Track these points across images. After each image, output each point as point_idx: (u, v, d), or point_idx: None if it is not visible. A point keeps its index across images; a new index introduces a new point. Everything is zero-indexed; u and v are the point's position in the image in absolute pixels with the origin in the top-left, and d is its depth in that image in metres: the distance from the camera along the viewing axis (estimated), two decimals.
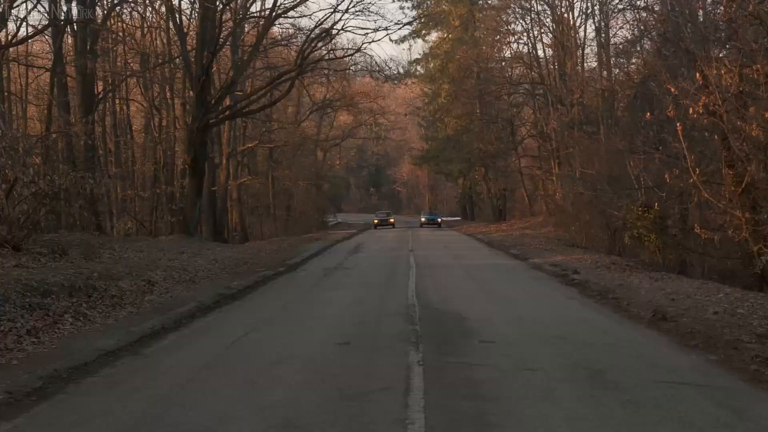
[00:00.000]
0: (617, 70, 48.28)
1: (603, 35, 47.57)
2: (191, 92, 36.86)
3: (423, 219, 71.57)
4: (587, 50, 54.30)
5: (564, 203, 42.99)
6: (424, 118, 77.63)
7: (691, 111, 20.62)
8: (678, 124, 20.79)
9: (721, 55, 22.40)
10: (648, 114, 21.79)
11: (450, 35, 64.75)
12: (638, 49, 41.03)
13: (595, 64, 49.32)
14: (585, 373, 9.36)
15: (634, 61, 46.41)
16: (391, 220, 71.15)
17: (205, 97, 35.23)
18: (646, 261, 27.87)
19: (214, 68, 42.64)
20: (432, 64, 69.67)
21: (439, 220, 70.92)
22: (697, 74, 20.66)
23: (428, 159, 73.91)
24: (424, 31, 70.46)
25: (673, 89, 20.79)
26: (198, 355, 11.05)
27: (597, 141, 40.14)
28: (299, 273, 25.12)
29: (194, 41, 36.88)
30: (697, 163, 21.16)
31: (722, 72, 20.74)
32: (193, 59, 35.84)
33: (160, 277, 20.66)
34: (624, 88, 45.61)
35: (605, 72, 47.54)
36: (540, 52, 55.73)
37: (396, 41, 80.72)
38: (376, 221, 70.83)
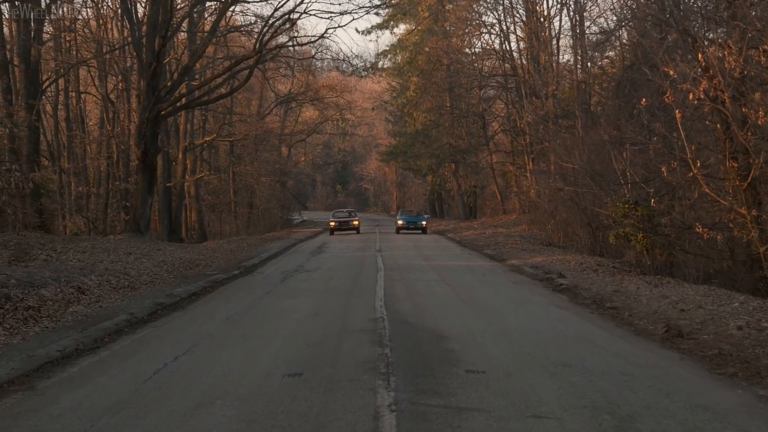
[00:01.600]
0: (597, 58, 46.28)
1: (578, 26, 45.49)
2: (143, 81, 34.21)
3: (400, 222, 50.01)
4: (563, 41, 52.33)
5: (539, 200, 40.81)
6: (392, 113, 75.37)
7: (691, 97, 18.54)
8: (677, 111, 18.59)
9: (719, 38, 20.21)
10: (643, 100, 19.46)
11: (419, 27, 62.45)
12: (617, 37, 38.91)
13: (570, 56, 47.19)
14: (611, 423, 7.03)
15: (611, 54, 44.50)
16: (355, 222, 49.75)
17: (157, 85, 32.61)
18: (633, 262, 25.78)
19: (170, 57, 40.09)
20: (400, 57, 67.29)
21: (424, 223, 49.86)
22: (699, 56, 18.51)
23: (396, 155, 71.42)
24: (392, 23, 68.08)
25: (672, 72, 18.61)
26: (106, 391, 8.59)
27: (576, 134, 38.10)
28: (255, 276, 22.65)
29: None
30: (696, 155, 19.04)
31: (725, 53, 18.65)
32: (144, 45, 33.20)
33: (94, 283, 18.17)
34: (602, 81, 43.67)
35: (581, 63, 45.45)
36: (513, 45, 53.66)
37: (363, 32, 77.83)
38: (333, 224, 49.43)
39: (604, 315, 14.36)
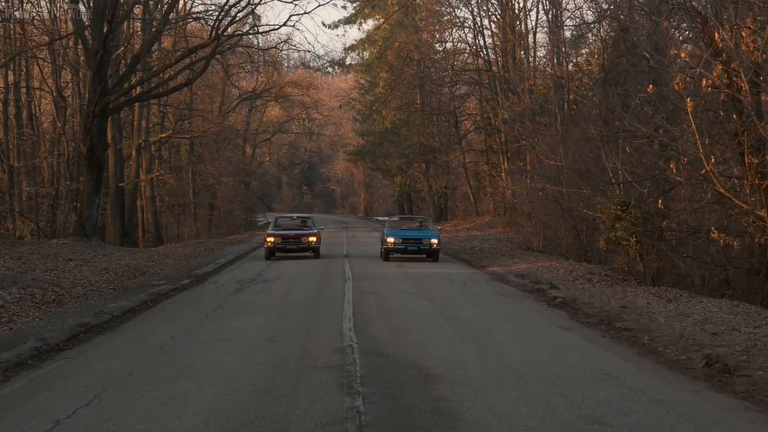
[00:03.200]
0: (573, 55, 44.14)
1: (555, 19, 43.22)
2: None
3: (391, 240, 28.31)
4: (540, 36, 50.28)
5: (516, 201, 38.52)
6: (360, 111, 72.70)
7: (703, 83, 16.13)
8: (687, 100, 16.17)
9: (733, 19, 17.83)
10: (650, 87, 17.02)
11: (388, 23, 59.96)
12: (598, 28, 36.75)
13: (548, 50, 44.94)
14: None
15: (590, 47, 42.38)
16: (312, 239, 29.20)
17: (104, 75, 29.79)
18: (625, 269, 23.47)
19: (123, 48, 37.23)
20: (368, 52, 64.66)
21: (435, 241, 28.33)
22: (716, 36, 16.10)
23: (364, 154, 68.70)
24: (360, 20, 65.47)
25: (683, 55, 16.26)
26: None
27: (555, 130, 35.81)
28: (206, 287, 19.93)
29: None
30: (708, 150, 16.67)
31: (743, 33, 16.30)
32: (90, 32, 30.39)
33: (13, 298, 15.46)
34: (582, 76, 41.49)
35: (558, 58, 43.19)
36: (488, 40, 51.33)
37: (329, 26, 75.26)
38: (271, 240, 29.08)
39: (618, 339, 11.91)
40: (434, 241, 27.84)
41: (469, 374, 8.98)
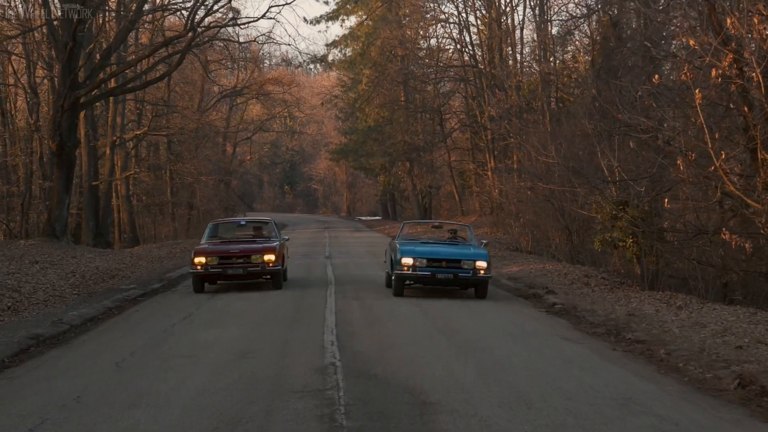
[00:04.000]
0: (560, 53, 43.07)
1: (543, 14, 42.11)
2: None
3: (408, 261, 16.52)
4: (527, 32, 49.25)
5: (504, 200, 37.38)
6: (342, 109, 71.37)
7: (713, 73, 14.96)
8: (696, 92, 14.98)
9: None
10: (656, 77, 15.85)
11: (371, 20, 58.70)
12: (589, 22, 35.67)
13: (535, 46, 43.74)
14: None
15: (581, 41, 41.29)
16: (268, 257, 17.84)
17: (74, 68, 28.38)
18: (621, 271, 22.37)
19: (95, 41, 35.81)
20: (351, 49, 63.35)
21: (483, 264, 16.52)
22: (728, 22, 14.93)
23: (347, 153, 67.36)
24: (342, 15, 64.10)
25: (692, 42, 15.06)
26: None
27: (543, 127, 34.70)
28: (178, 292, 18.55)
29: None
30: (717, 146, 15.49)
31: (755, 20, 15.16)
32: (59, 22, 28.97)
33: None
34: (571, 72, 40.46)
35: (545, 54, 42.06)
36: (474, 35, 50.15)
37: (311, 22, 73.30)
38: (200, 260, 17.73)
39: (632, 352, 10.70)
40: (481, 264, 16.41)
41: (471, 401, 7.70)
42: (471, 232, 19.22)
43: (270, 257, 17.76)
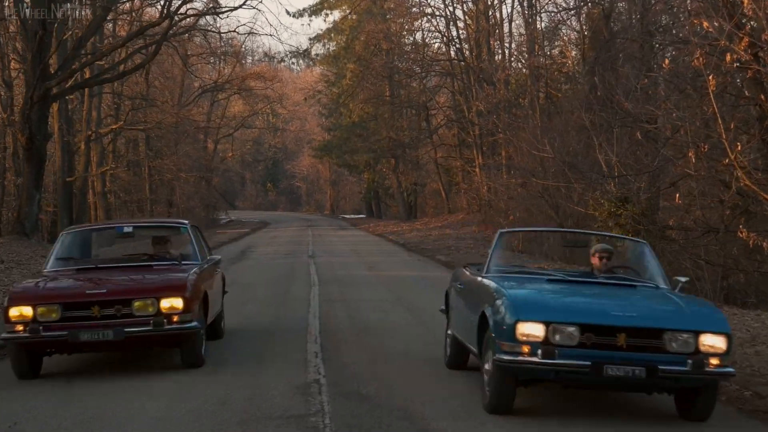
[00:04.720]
0: (548, 48, 42.13)
1: (533, 5, 41.19)
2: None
3: (528, 331, 6.91)
4: (516, 26, 48.36)
5: (493, 198, 36.47)
6: (326, 105, 70.57)
7: (728, 58, 13.89)
8: (709, 78, 13.85)
9: None
10: (666, 61, 14.76)
11: (354, 15, 57.80)
12: (579, 14, 34.73)
13: (524, 39, 42.78)
14: None
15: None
16: (167, 306, 8.96)
17: (44, 58, 27.08)
18: None
19: (68, 34, 34.51)
20: (335, 43, 62.44)
21: (716, 348, 7.02)
22: (746, 2, 13.82)
23: (330, 150, 66.43)
24: (326, 10, 63.11)
25: (706, 25, 13.95)
26: None
27: (533, 122, 33.74)
28: None
29: None
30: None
31: None
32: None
33: None
34: (561, 66, 39.50)
35: (536, 47, 41.11)
36: (462, 31, 49.20)
37: (294, 15, 72.35)
38: (25, 312, 8.84)
39: None
40: (712, 340, 7.11)
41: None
42: (651, 257, 9.09)
43: (173, 302, 9.08)
